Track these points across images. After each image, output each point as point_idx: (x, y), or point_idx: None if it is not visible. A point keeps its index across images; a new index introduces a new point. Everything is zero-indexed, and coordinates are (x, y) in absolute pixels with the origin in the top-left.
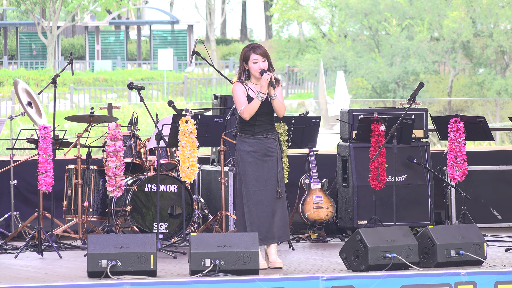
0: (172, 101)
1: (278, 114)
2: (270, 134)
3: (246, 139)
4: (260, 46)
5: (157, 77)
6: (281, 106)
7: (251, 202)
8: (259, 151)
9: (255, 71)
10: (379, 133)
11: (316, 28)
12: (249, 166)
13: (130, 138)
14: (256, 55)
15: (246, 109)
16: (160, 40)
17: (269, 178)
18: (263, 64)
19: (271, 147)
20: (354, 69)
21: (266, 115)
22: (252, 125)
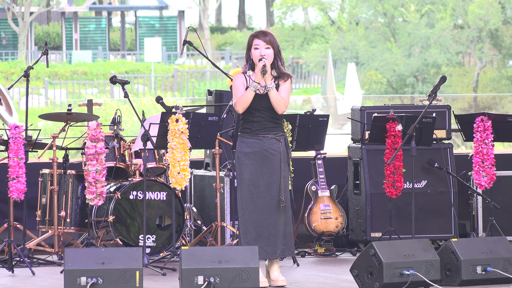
0: (161, 97)
1: (276, 110)
2: (272, 134)
3: (244, 139)
4: (266, 33)
5: (143, 70)
6: (279, 101)
7: (247, 210)
8: (258, 152)
9: (255, 59)
10: (396, 133)
11: (323, 15)
12: (246, 169)
13: (113, 139)
14: (258, 40)
15: (238, 100)
16: (147, 28)
17: (269, 184)
18: (266, 51)
19: (272, 148)
20: (367, 61)
21: (266, 110)
22: (250, 121)
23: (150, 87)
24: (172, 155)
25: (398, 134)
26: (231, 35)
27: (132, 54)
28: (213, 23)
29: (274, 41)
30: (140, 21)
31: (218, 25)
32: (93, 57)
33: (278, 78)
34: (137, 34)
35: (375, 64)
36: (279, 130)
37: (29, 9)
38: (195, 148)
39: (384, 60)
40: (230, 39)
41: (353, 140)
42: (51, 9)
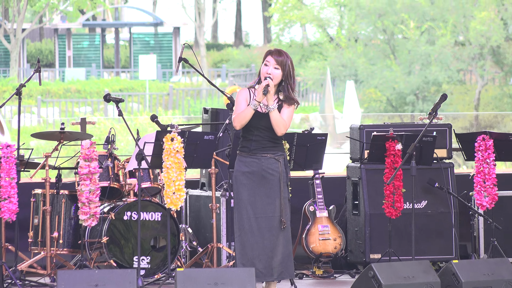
0: (156, 116)
1: (275, 131)
2: (271, 153)
3: (242, 158)
4: (282, 53)
5: (138, 88)
6: (279, 122)
7: (243, 231)
8: (256, 172)
9: (262, 75)
10: (395, 152)
11: (322, 31)
12: (244, 189)
13: (107, 158)
14: (270, 58)
15: (237, 116)
16: (142, 44)
17: (267, 204)
18: (273, 71)
19: (270, 168)
20: (366, 78)
21: (265, 130)
22: (249, 140)
23: (145, 105)
24: (167, 175)
25: (397, 153)
26: (228, 52)
27: (127, 72)
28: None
29: (287, 64)
30: (135, 38)
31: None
32: (86, 75)
33: (283, 101)
34: (131, 51)
35: (375, 81)
36: (278, 150)
37: (21, 25)
38: (191, 168)
39: (383, 77)
40: (226, 56)
41: (352, 159)
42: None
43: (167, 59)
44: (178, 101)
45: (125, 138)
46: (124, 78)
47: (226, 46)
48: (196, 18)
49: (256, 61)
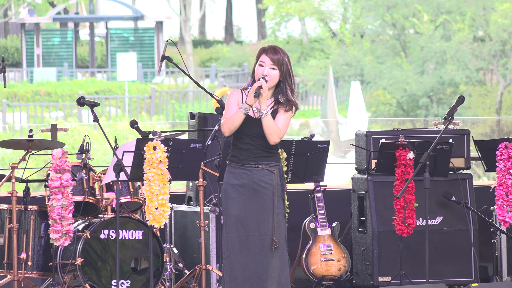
0: (136, 121)
1: (268, 139)
2: (264, 164)
3: (232, 169)
4: (278, 51)
5: (116, 90)
6: (272, 130)
7: (233, 251)
8: (247, 185)
9: (257, 76)
10: (407, 162)
11: (323, 26)
12: (233, 203)
13: (81, 169)
14: (265, 57)
15: (226, 120)
16: (120, 41)
17: (259, 221)
18: (270, 72)
19: (262, 180)
20: (374, 79)
21: (257, 137)
22: (239, 149)
23: (124, 109)
24: (149, 188)
25: (409, 163)
26: (217, 49)
27: (103, 72)
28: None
29: (284, 62)
30: (112, 34)
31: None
32: (57, 76)
33: (279, 105)
34: (108, 49)
35: (383, 82)
36: (272, 160)
37: None
38: (176, 180)
39: (393, 78)
40: (215, 54)
41: (358, 170)
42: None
43: (149, 58)
44: (162, 104)
45: (101, 146)
46: (100, 79)
47: (215, 42)
48: (181, 11)
49: (249, 60)
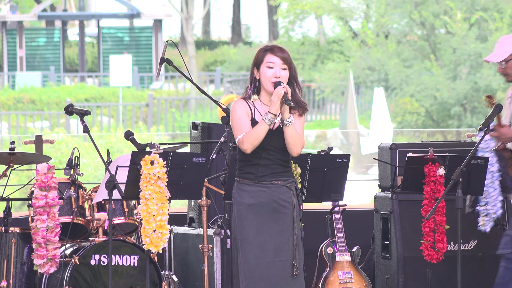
0: (131, 132)
1: (291, 151)
2: (282, 180)
3: (246, 187)
4: (282, 48)
5: (108, 97)
6: (296, 139)
7: (252, 280)
8: (266, 204)
9: (268, 80)
10: (436, 179)
11: (343, 25)
12: (250, 226)
13: (69, 186)
14: (274, 57)
15: (248, 136)
16: (114, 42)
17: (280, 245)
18: (282, 72)
19: (283, 199)
20: (400, 84)
21: (276, 151)
22: (255, 165)
23: (118, 119)
24: (145, 208)
25: (439, 180)
26: (223, 51)
27: (94, 77)
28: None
29: (291, 61)
30: (105, 34)
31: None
32: (43, 81)
33: (291, 108)
34: (100, 51)
35: (410, 89)
36: (289, 175)
37: None
38: (176, 199)
39: (421, 83)
40: (221, 56)
41: (381, 187)
42: None
43: (146, 61)
44: (160, 113)
45: (92, 161)
46: (91, 85)
47: (220, 43)
48: (183, 8)
49: None
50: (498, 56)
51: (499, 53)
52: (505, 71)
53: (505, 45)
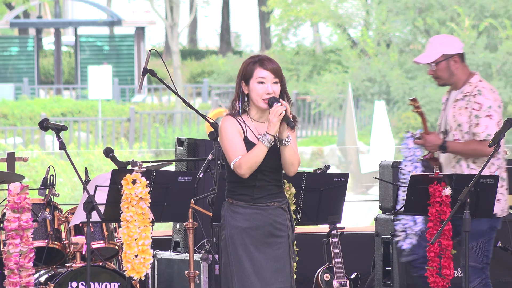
0: (111, 149)
1: (288, 171)
2: (277, 201)
3: (240, 209)
4: (272, 60)
5: (87, 111)
6: (294, 158)
7: None
8: (261, 228)
9: (259, 97)
10: (442, 199)
11: (341, 33)
12: (245, 252)
13: (44, 208)
14: (265, 71)
15: (246, 159)
16: (92, 51)
17: (276, 271)
18: (274, 87)
19: (279, 222)
20: (403, 97)
21: (272, 171)
22: (250, 186)
23: (97, 135)
24: (127, 231)
25: (445, 201)
26: (211, 61)
27: (71, 89)
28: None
29: (281, 71)
30: (83, 42)
31: (193, 47)
32: (16, 94)
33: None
34: (77, 61)
35: None
36: (282, 196)
37: None
38: (160, 221)
39: (426, 96)
40: (209, 67)
41: (383, 209)
42: None
43: (127, 72)
44: (143, 129)
45: (69, 180)
46: (67, 98)
47: (208, 53)
48: (167, 14)
49: None
50: (428, 57)
51: (429, 54)
52: (436, 74)
53: (436, 46)
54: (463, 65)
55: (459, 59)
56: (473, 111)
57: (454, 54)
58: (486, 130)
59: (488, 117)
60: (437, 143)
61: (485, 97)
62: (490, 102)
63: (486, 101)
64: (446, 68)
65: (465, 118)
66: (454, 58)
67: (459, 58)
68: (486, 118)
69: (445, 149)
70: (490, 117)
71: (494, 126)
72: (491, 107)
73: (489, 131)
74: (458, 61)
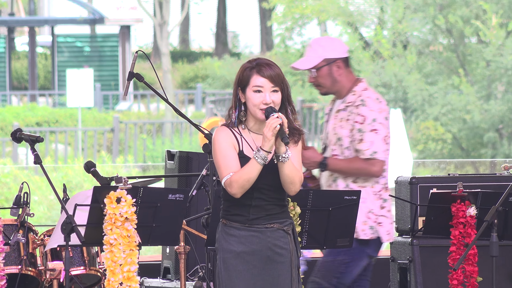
0: (93, 163)
1: (288, 190)
2: (278, 223)
3: (234, 231)
4: (272, 65)
5: (65, 121)
6: (294, 176)
7: None
8: (259, 252)
9: (256, 107)
10: (467, 220)
11: (352, 32)
12: (240, 279)
13: (17, 229)
14: (261, 79)
15: (236, 178)
16: (71, 53)
17: None
18: (273, 96)
19: (279, 245)
20: (421, 105)
21: (270, 189)
22: (245, 206)
23: (76, 147)
24: (110, 256)
25: (470, 222)
26: (205, 64)
27: (47, 95)
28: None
29: (284, 79)
30: (60, 43)
31: (185, 48)
32: None
33: None
34: (55, 64)
35: (434, 110)
36: (286, 216)
37: None
38: (148, 245)
39: (448, 104)
40: (203, 70)
41: (399, 231)
42: None
43: (111, 76)
44: (128, 140)
45: (45, 198)
46: (43, 106)
47: (202, 55)
48: (156, 11)
49: None
50: (307, 63)
51: (309, 59)
52: (317, 81)
53: (317, 49)
54: (348, 71)
55: (343, 64)
56: (355, 124)
57: (337, 58)
58: (371, 147)
59: (373, 131)
60: (316, 159)
61: (369, 109)
62: (375, 114)
63: (370, 113)
64: (328, 74)
65: (346, 132)
66: (337, 63)
67: (343, 63)
68: (371, 133)
69: (325, 166)
70: (375, 132)
71: (380, 142)
72: (376, 120)
73: (375, 148)
74: (342, 66)
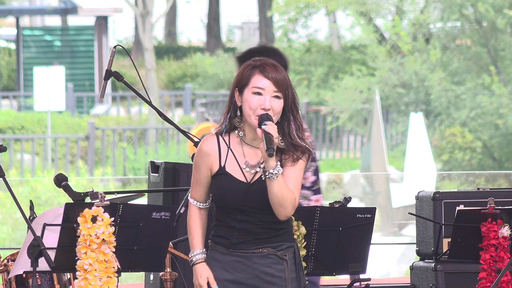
0: (65, 176)
1: (277, 213)
2: (270, 247)
3: (219, 255)
4: (278, 67)
5: (32, 127)
6: (284, 197)
7: None
8: (243, 281)
9: (252, 111)
10: (499, 242)
11: (366, 24)
12: None
13: None
14: (264, 80)
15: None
16: (40, 48)
17: None
18: (274, 102)
19: (270, 273)
20: (447, 108)
21: (255, 211)
22: (229, 228)
23: (45, 157)
24: (84, 283)
25: (503, 244)
26: (195, 61)
27: (12, 98)
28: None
29: (290, 86)
30: (27, 37)
31: (171, 42)
32: None
33: (284, 151)
34: (20, 60)
35: (462, 114)
36: (283, 240)
37: None
38: (129, 271)
39: (478, 107)
40: (192, 68)
41: (420, 254)
42: None
43: (85, 75)
44: (106, 149)
45: (9, 216)
46: (7, 109)
47: (192, 50)
48: (138, 0)
49: None
50: None
51: None
52: None
53: None
54: None
55: None
56: None
57: None
58: None
59: None
60: None
61: None
62: None
63: None
64: None
65: None
66: None
67: None
68: None
69: None
70: None
71: None
72: None
73: None
74: None
